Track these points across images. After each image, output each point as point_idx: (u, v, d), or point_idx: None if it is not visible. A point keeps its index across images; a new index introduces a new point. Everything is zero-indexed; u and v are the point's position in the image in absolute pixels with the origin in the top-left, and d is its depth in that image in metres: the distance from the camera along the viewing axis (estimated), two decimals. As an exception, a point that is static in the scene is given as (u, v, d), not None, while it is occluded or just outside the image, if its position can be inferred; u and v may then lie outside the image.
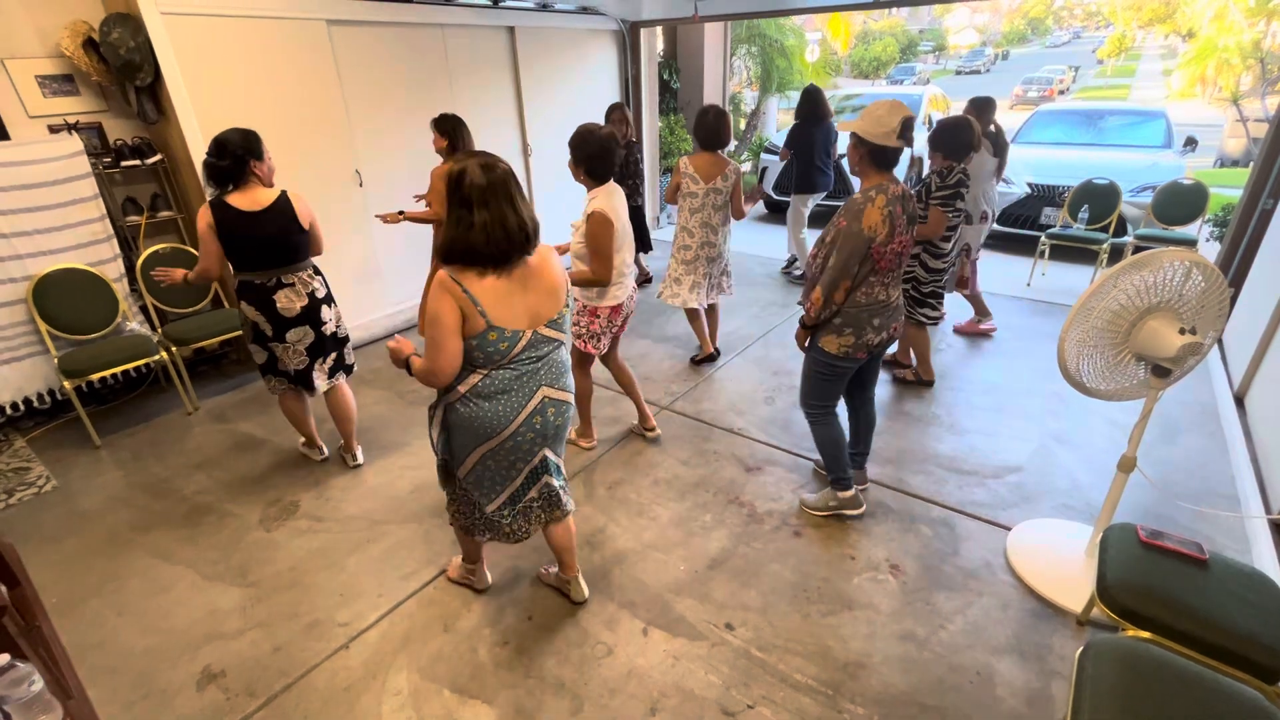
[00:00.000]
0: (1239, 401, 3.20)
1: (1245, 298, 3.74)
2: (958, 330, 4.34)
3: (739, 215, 3.60)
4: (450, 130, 3.38)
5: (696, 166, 3.45)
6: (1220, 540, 2.42)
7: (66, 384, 3.12)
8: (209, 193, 2.55)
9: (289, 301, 2.63)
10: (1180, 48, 23.92)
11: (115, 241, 3.44)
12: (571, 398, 1.90)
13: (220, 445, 3.28)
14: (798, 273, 5.57)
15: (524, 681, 1.94)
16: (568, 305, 1.81)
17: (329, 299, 2.80)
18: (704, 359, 3.98)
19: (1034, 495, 2.70)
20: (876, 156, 2.11)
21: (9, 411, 3.28)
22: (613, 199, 2.53)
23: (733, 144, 9.40)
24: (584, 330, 2.80)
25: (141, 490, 2.93)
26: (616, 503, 2.74)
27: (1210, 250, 5.31)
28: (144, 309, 3.64)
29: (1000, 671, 1.94)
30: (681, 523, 2.61)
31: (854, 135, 2.14)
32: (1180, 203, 5.01)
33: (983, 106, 3.94)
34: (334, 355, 2.86)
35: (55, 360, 3.21)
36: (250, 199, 2.51)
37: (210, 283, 2.54)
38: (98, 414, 3.51)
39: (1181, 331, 1.80)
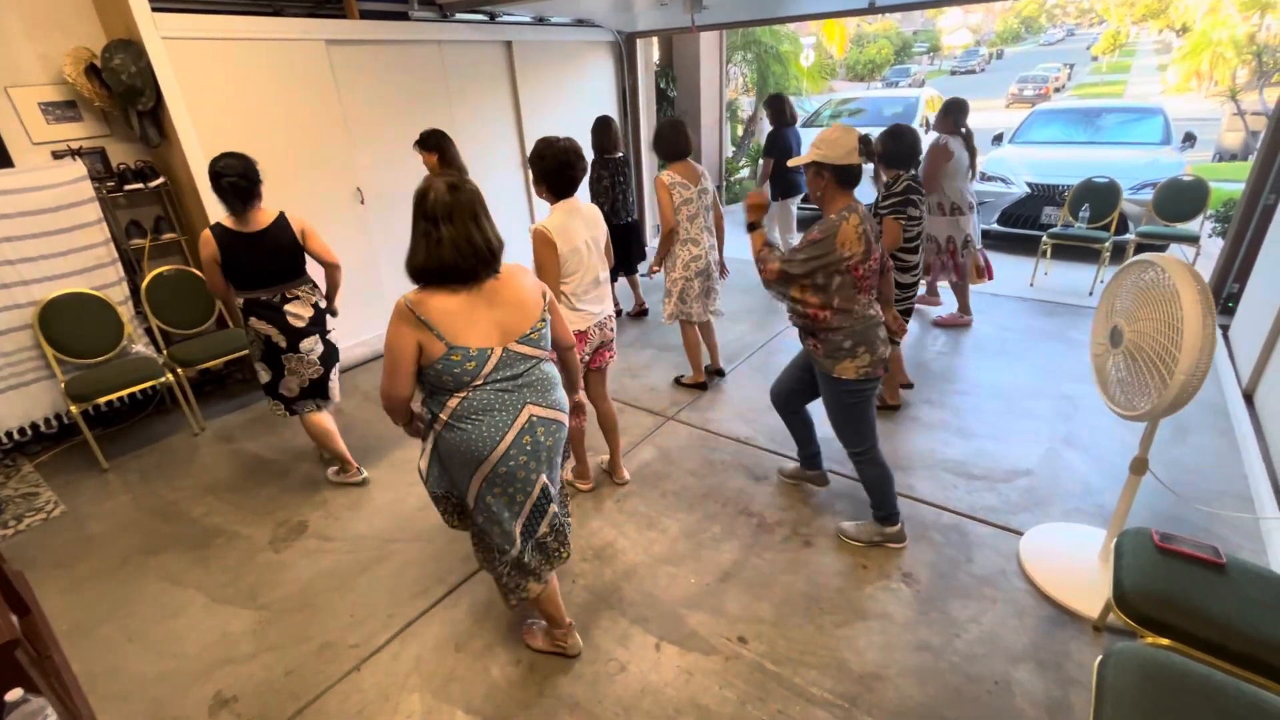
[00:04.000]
0: (1248, 399, 3.18)
1: (1250, 293, 3.73)
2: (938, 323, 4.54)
3: (720, 222, 3.57)
4: (436, 145, 3.35)
5: (681, 174, 3.34)
6: (1235, 541, 2.40)
7: (73, 408, 3.13)
8: (227, 214, 2.64)
9: (298, 313, 2.74)
10: (1175, 43, 23.99)
11: (120, 265, 3.46)
12: (564, 417, 1.81)
13: (227, 466, 3.28)
14: None
15: (538, 701, 1.93)
16: (544, 320, 1.75)
17: (329, 310, 2.94)
18: (696, 385, 3.81)
19: (1045, 499, 2.68)
20: (842, 177, 2.14)
21: (16, 437, 3.28)
22: (570, 219, 2.37)
23: (730, 149, 9.42)
24: None
25: (150, 513, 2.93)
26: (625, 515, 2.73)
27: (1214, 246, 5.29)
28: (149, 331, 3.65)
29: (1019, 680, 1.92)
30: (691, 535, 2.59)
31: (814, 165, 2.16)
32: (1181, 199, 5.00)
33: (954, 109, 4.06)
34: (337, 365, 2.96)
35: (62, 384, 3.22)
36: (253, 220, 2.61)
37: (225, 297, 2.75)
38: (105, 437, 3.52)
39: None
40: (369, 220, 4.29)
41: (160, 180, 3.56)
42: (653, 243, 6.96)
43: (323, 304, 2.87)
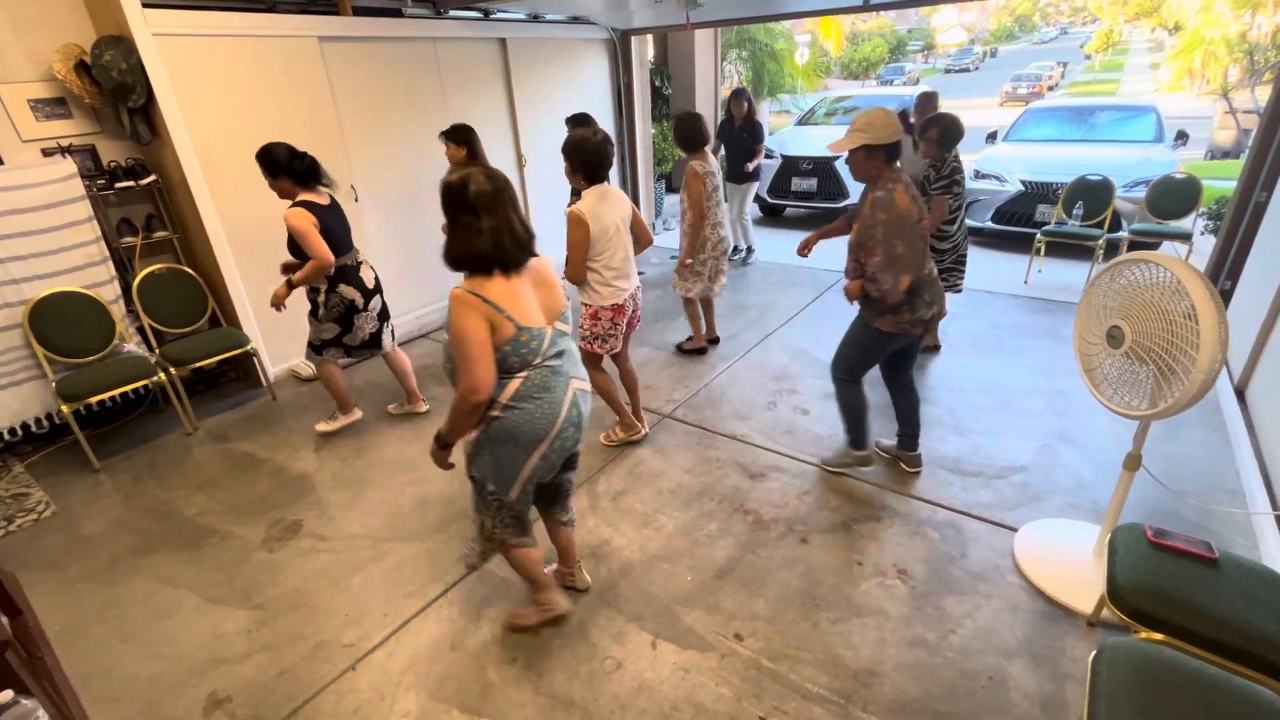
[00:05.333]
0: (1240, 394, 3.19)
1: (1242, 290, 3.75)
2: None
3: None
4: (465, 139, 3.48)
5: (708, 161, 3.69)
6: (1227, 536, 2.41)
7: (64, 408, 3.10)
8: (299, 193, 2.93)
9: (368, 274, 3.19)
10: (1167, 41, 24.11)
11: (111, 263, 3.43)
12: (590, 386, 1.98)
13: (221, 465, 3.26)
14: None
15: (533, 699, 1.93)
16: (568, 299, 1.90)
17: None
18: (697, 350, 4.20)
19: (1039, 495, 2.69)
20: (891, 154, 2.34)
21: (7, 437, 3.25)
22: (601, 202, 2.64)
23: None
24: (588, 333, 2.88)
25: (142, 513, 2.91)
26: (621, 514, 2.72)
27: (1206, 243, 5.33)
28: (141, 330, 3.62)
29: (1013, 675, 1.92)
30: (687, 532, 2.59)
31: (863, 149, 2.33)
32: (1174, 196, 5.03)
33: (925, 102, 4.37)
34: (389, 320, 3.38)
35: (53, 384, 3.19)
36: (322, 195, 2.99)
37: (326, 272, 3.01)
38: (96, 437, 3.50)
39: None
40: (364, 219, 4.27)
41: (151, 178, 3.53)
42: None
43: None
